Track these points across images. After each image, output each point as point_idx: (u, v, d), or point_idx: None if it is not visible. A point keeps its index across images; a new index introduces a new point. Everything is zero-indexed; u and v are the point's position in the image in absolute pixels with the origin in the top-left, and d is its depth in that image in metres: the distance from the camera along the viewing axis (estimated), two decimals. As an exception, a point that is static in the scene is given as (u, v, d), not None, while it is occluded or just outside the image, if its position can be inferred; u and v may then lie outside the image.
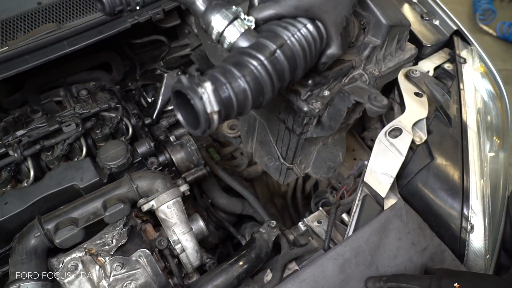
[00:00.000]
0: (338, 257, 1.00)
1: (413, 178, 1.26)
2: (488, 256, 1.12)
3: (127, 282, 0.96)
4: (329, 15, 0.78)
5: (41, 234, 0.97)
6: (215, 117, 0.64)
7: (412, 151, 1.26)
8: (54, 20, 1.24)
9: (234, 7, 0.74)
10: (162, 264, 1.03)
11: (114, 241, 0.98)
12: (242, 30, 0.72)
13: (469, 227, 1.12)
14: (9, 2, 1.25)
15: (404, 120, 1.22)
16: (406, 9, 1.56)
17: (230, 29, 0.72)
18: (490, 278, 0.88)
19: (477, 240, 1.13)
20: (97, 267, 0.96)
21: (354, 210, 1.13)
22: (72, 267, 0.96)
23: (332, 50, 0.84)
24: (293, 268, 1.18)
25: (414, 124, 1.24)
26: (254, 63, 0.69)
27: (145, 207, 1.05)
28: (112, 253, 0.96)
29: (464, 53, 1.43)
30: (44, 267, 0.98)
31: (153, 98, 1.34)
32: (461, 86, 1.34)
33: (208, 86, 0.62)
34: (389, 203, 1.15)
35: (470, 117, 1.27)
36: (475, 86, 1.35)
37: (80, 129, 1.09)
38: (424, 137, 1.24)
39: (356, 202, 1.14)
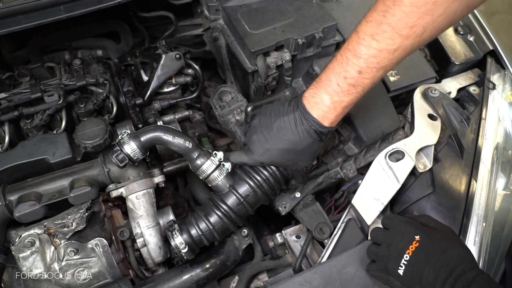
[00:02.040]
0: (305, 284, 0.92)
1: (410, 206, 1.16)
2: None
3: (79, 269, 0.93)
4: (290, 167, 0.94)
5: (2, 204, 0.94)
6: (191, 258, 0.98)
7: (414, 177, 1.15)
8: (55, -18, 1.18)
9: (217, 154, 0.98)
10: (122, 255, 0.99)
11: (74, 224, 0.94)
12: (222, 176, 0.97)
13: (458, 273, 1.01)
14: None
15: (409, 144, 1.10)
16: (440, 19, 1.41)
17: (214, 174, 0.97)
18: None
19: (466, 288, 1.02)
20: (52, 248, 0.93)
21: (335, 232, 1.04)
22: (28, 243, 0.93)
23: (295, 182, 1.02)
24: (262, 279, 1.12)
25: (420, 150, 1.12)
26: (221, 215, 0.95)
27: (114, 194, 1.00)
28: (67, 237, 0.92)
29: (495, 78, 1.28)
30: (2, 238, 0.96)
31: (149, 78, 1.27)
32: (483, 115, 1.20)
33: (181, 241, 0.94)
34: (375, 230, 1.05)
35: (486, 151, 1.14)
36: (499, 117, 1.21)
37: (61, 101, 1.04)
38: (429, 165, 1.12)
39: (339, 224, 1.05)
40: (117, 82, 1.21)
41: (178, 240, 0.93)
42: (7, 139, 1.05)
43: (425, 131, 1.14)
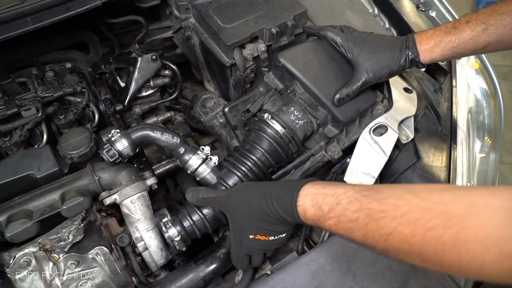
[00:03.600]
0: (312, 263, 0.94)
1: (398, 178, 1.20)
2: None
3: (82, 281, 0.90)
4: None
5: (-9, 227, 0.90)
6: (184, 249, 0.99)
7: (398, 149, 1.20)
8: (18, -6, 1.14)
9: (204, 149, 1.04)
10: (124, 262, 0.97)
11: (71, 237, 0.91)
12: (209, 170, 1.01)
13: (452, 234, 1.06)
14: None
15: (391, 117, 1.15)
16: (402, -1, 1.47)
17: (201, 167, 1.01)
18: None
19: (460, 247, 1.07)
20: (51, 264, 0.89)
21: (332, 211, 1.06)
22: (24, 263, 0.89)
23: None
24: (266, 268, 1.12)
25: (401, 122, 1.16)
26: None
27: (107, 201, 0.98)
28: (66, 250, 0.89)
29: (459, 48, 1.35)
30: (-6, 262, 0.92)
31: (126, 83, 1.25)
32: (454, 83, 1.26)
33: (175, 232, 0.95)
34: (370, 204, 1.09)
35: (461, 116, 1.20)
36: (469, 84, 1.28)
37: (40, 114, 1.01)
38: (411, 136, 1.17)
39: (335, 202, 1.07)
40: (94, 90, 1.18)
41: (171, 231, 0.95)
42: (-14, 160, 1.00)
43: (403, 103, 1.18)
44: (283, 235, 0.86)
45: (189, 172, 1.02)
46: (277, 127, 1.04)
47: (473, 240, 0.51)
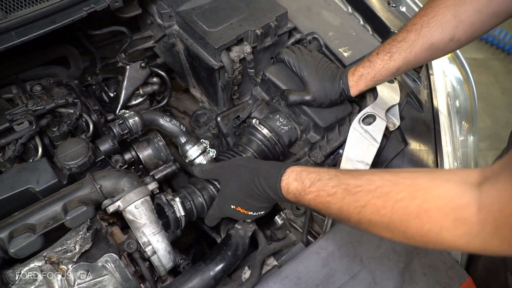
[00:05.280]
0: (321, 251, 0.97)
1: (388, 164, 1.25)
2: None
3: (93, 291, 0.88)
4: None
5: (-7, 244, 0.87)
6: (182, 224, 1.01)
7: (386, 137, 1.25)
8: (0, 9, 1.12)
9: (204, 141, 1.14)
10: (132, 268, 0.96)
11: (77, 247, 0.90)
12: (206, 161, 1.11)
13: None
14: None
15: (377, 107, 1.20)
16: (373, -4, 1.55)
17: (199, 158, 1.11)
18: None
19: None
20: (59, 276, 0.87)
21: (331, 200, 1.10)
22: (30, 279, 0.87)
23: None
24: (271, 263, 1.13)
25: (387, 111, 1.22)
26: (211, 186, 1.04)
27: (111, 209, 0.97)
28: (75, 260, 0.88)
29: (431, 39, 1.44)
30: (-2, 281, 0.89)
31: (115, 93, 1.25)
32: (431, 71, 1.34)
33: (178, 202, 1.00)
34: (366, 191, 1.13)
35: (441, 101, 1.28)
36: (444, 71, 1.36)
37: (34, 127, 0.99)
38: (398, 123, 1.23)
39: (334, 191, 1.11)
40: (84, 101, 1.17)
41: (171, 199, 0.99)
42: (-20, 178, 0.97)
43: (387, 93, 1.25)
44: (262, 212, 0.95)
45: (187, 161, 1.13)
46: (265, 131, 1.15)
47: (434, 209, 0.59)
